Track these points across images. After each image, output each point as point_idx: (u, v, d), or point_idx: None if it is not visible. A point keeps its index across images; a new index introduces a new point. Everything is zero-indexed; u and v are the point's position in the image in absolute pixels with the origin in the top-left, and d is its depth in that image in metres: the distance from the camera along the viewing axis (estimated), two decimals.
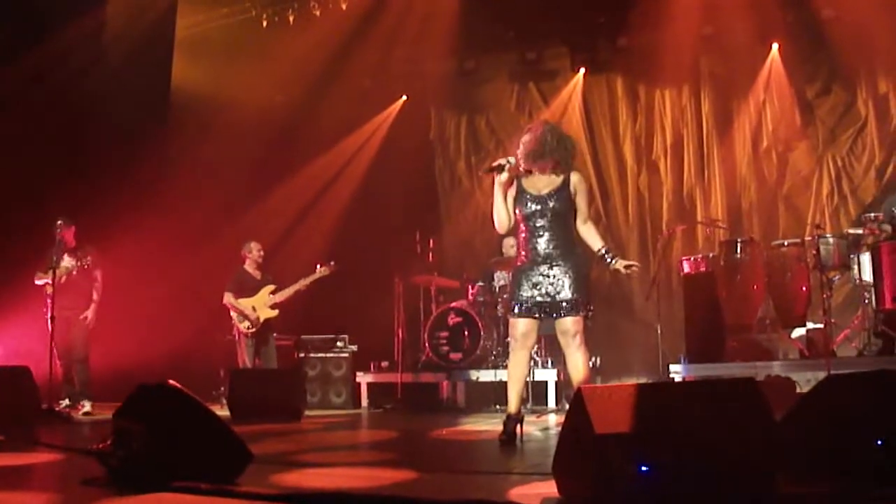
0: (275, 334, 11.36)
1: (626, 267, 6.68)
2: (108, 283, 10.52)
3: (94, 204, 11.00)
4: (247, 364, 11.01)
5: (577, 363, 6.38)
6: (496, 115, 14.79)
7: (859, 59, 12.48)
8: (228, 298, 11.06)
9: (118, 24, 12.38)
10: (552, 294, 6.38)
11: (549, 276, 6.41)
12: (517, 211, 6.55)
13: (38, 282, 10.35)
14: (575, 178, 6.53)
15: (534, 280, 6.45)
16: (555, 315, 6.38)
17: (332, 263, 11.01)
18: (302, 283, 11.03)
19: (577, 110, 14.12)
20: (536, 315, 6.44)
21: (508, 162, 6.50)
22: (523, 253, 6.59)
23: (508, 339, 10.56)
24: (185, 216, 12.29)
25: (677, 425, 3.58)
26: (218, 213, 12.69)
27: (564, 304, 6.35)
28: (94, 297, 10.48)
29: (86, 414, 10.13)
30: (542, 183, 6.53)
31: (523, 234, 6.59)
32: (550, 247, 6.46)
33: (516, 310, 6.49)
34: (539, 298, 6.40)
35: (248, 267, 11.35)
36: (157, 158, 12.47)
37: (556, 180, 6.51)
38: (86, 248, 10.52)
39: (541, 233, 6.49)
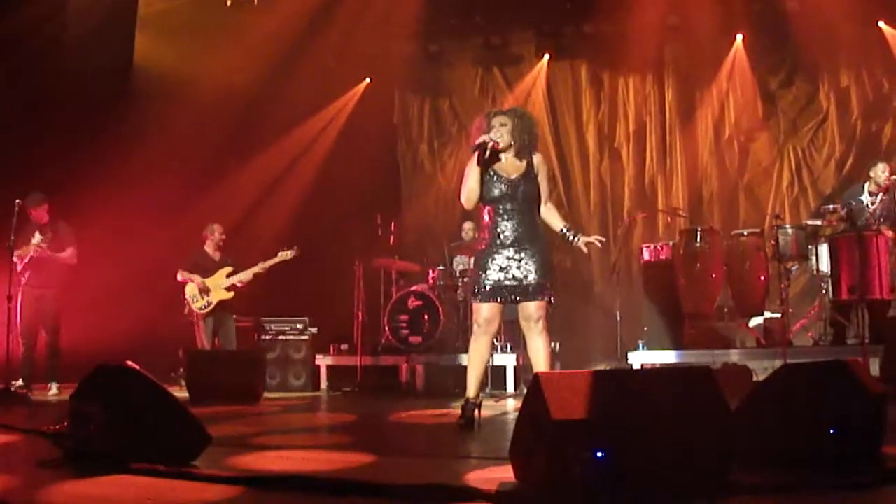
0: (234, 316, 11.29)
1: (588, 244, 6.61)
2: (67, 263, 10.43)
3: (53, 181, 10.88)
4: (205, 345, 10.95)
5: (539, 347, 6.39)
6: (460, 99, 14.77)
7: (822, 52, 12.62)
8: (181, 274, 11.03)
9: (81, 1, 12.24)
10: (520, 278, 6.36)
11: (516, 260, 6.39)
12: (484, 193, 6.49)
13: (14, 259, 10.15)
14: (537, 159, 6.53)
15: (501, 264, 6.41)
16: (520, 299, 6.37)
17: (294, 248, 10.96)
18: (261, 267, 10.97)
19: (541, 96, 14.13)
20: (501, 300, 6.42)
21: (492, 140, 6.45)
22: (487, 236, 6.53)
23: (469, 322, 10.64)
24: (146, 195, 12.16)
25: (633, 412, 3.60)
26: (179, 193, 12.57)
27: (531, 288, 6.35)
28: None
29: (53, 396, 10.04)
30: (512, 167, 6.51)
31: (488, 218, 6.54)
32: (519, 231, 6.43)
33: (481, 294, 6.45)
34: (506, 282, 6.38)
35: (208, 248, 11.28)
36: (119, 136, 12.32)
37: (522, 164, 6.50)
38: (58, 226, 10.40)
39: (508, 216, 6.46)
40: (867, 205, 10.25)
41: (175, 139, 12.38)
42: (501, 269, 6.41)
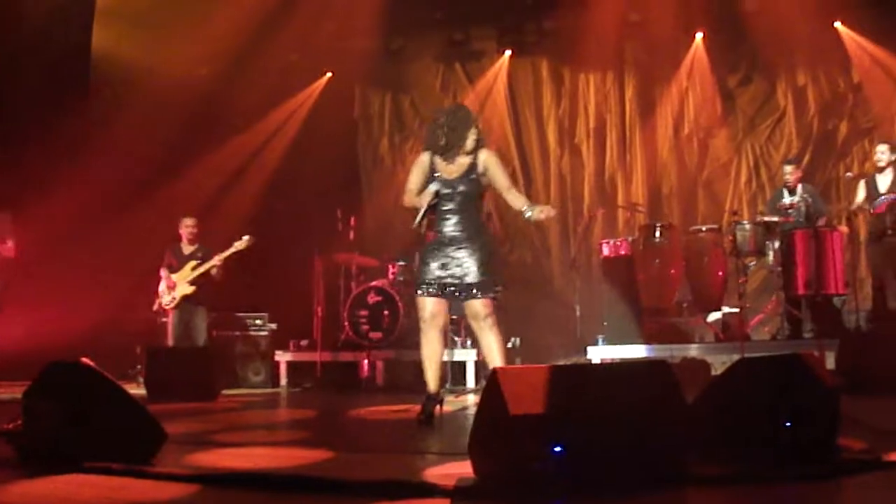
0: (203, 311, 11.14)
1: (542, 211, 6.52)
2: (19, 256, 10.26)
3: (8, 173, 10.76)
4: (170, 340, 10.90)
5: (491, 344, 6.39)
6: (421, 94, 14.76)
7: (780, 51, 12.76)
8: (161, 271, 11.00)
9: None
10: (459, 276, 6.38)
11: (455, 258, 6.41)
12: (423, 193, 6.54)
13: None
14: (483, 156, 6.52)
15: (441, 261, 6.45)
16: (464, 297, 6.39)
17: (248, 237, 10.88)
18: (218, 259, 10.88)
19: (502, 92, 14.16)
20: (442, 295, 6.44)
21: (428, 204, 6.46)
22: (431, 234, 6.61)
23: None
24: (103, 187, 12.03)
25: (591, 406, 3.61)
26: (138, 186, 12.46)
27: (472, 286, 6.36)
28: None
29: None
30: (454, 166, 6.53)
31: (431, 216, 6.58)
32: (457, 229, 6.47)
33: (423, 290, 6.48)
34: (447, 279, 6.41)
35: (183, 242, 11.20)
36: (76, 128, 12.19)
37: (465, 162, 6.51)
38: None
39: (448, 216, 6.50)
40: (786, 203, 10.45)
41: (133, 131, 12.27)
42: (442, 266, 6.44)
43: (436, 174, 6.55)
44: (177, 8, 12.88)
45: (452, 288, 6.41)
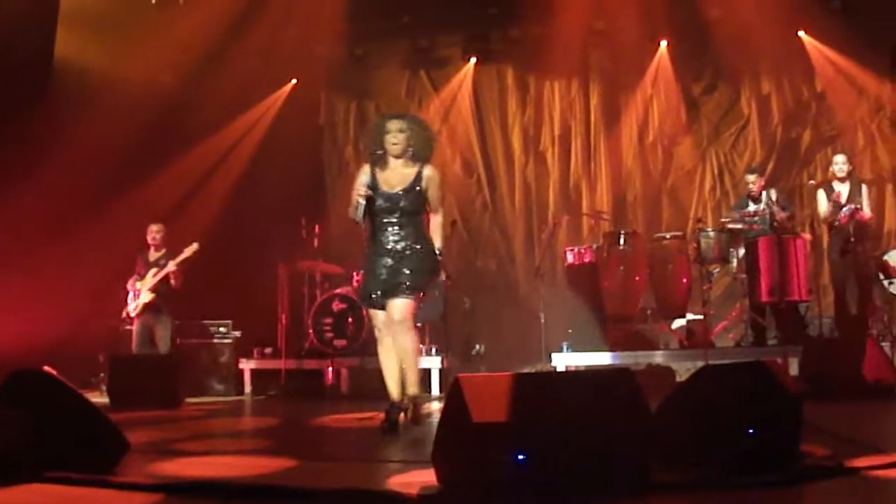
0: (167, 318, 11.05)
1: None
2: None
3: None
4: (133, 348, 10.83)
5: (404, 346, 6.43)
6: (386, 101, 14.72)
7: (744, 60, 12.86)
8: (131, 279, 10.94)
9: None
10: (389, 280, 6.42)
11: (390, 268, 6.45)
12: (367, 207, 6.54)
13: None
14: (427, 172, 6.52)
15: (377, 272, 6.50)
16: (386, 297, 6.42)
17: (195, 244, 10.80)
18: (172, 265, 10.79)
19: (467, 99, 14.17)
20: (383, 306, 6.47)
21: (363, 198, 6.45)
22: (372, 245, 6.60)
23: None
24: (65, 194, 11.94)
25: (554, 414, 3.61)
26: (101, 193, 12.36)
27: (397, 287, 6.39)
28: None
29: None
30: (396, 179, 6.52)
31: (372, 227, 6.60)
32: (397, 242, 6.49)
33: (368, 302, 6.58)
34: (380, 289, 6.46)
35: (150, 249, 11.14)
36: (38, 134, 12.08)
37: (409, 174, 6.50)
38: None
39: (389, 228, 6.51)
40: (750, 211, 10.52)
41: (97, 138, 12.16)
42: (377, 276, 6.49)
43: (377, 187, 6.53)
44: (141, 14, 12.81)
45: (384, 293, 6.45)
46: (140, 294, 10.84)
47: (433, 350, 10.88)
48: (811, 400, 4.61)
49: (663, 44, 13.29)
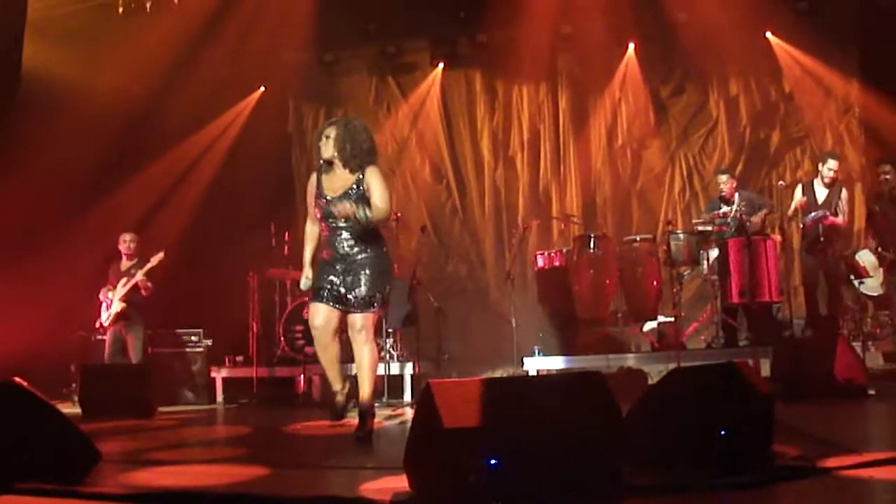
0: (139, 328, 10.97)
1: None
2: None
3: None
4: (106, 358, 10.77)
5: (362, 358, 6.49)
6: (355, 107, 14.69)
7: (712, 62, 12.92)
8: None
9: None
10: (345, 290, 6.44)
11: (343, 274, 6.47)
12: (316, 210, 6.58)
13: None
14: (368, 173, 6.48)
15: (330, 276, 6.52)
16: (346, 309, 6.47)
17: (161, 253, 10.75)
18: (139, 274, 10.73)
19: (436, 104, 14.18)
20: (332, 305, 6.50)
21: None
22: (326, 247, 6.63)
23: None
24: (34, 205, 11.87)
25: (525, 418, 3.61)
26: (70, 202, 12.30)
27: (354, 300, 6.42)
28: None
29: None
30: (339, 182, 6.52)
31: (325, 233, 6.62)
32: (346, 246, 6.49)
33: (315, 297, 6.57)
34: (334, 291, 6.48)
35: (122, 258, 11.07)
36: (5, 145, 12.01)
37: (351, 179, 6.49)
38: None
39: (338, 232, 6.51)
40: (720, 213, 10.56)
41: (65, 148, 12.10)
42: (330, 280, 6.51)
43: (322, 193, 6.55)
44: (108, 24, 12.74)
45: (339, 301, 6.48)
46: (112, 304, 10.78)
47: (404, 355, 10.86)
48: (782, 400, 4.63)
49: (631, 46, 13.34)
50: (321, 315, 6.53)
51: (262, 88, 14.54)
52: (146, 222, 12.80)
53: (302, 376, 11.06)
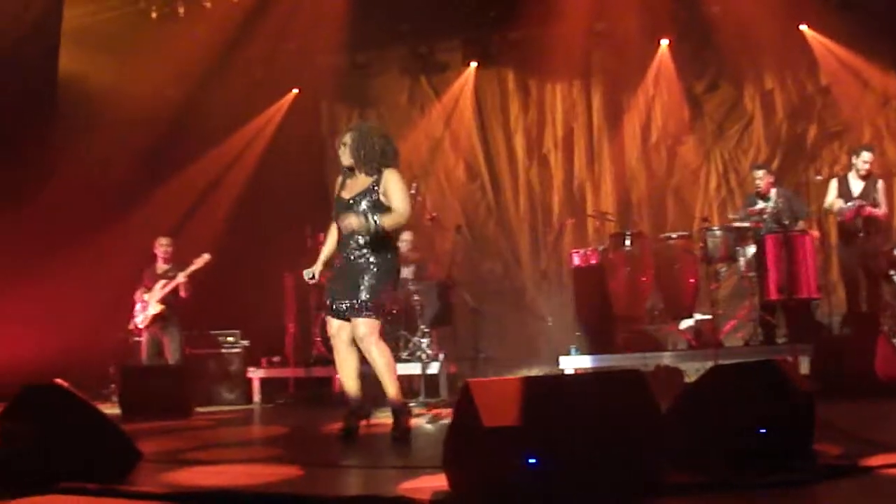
0: (176, 330, 11.06)
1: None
2: None
3: None
4: (143, 360, 10.85)
5: (374, 361, 6.49)
6: (388, 108, 14.74)
7: (746, 56, 12.83)
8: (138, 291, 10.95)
9: (4, 16, 11.99)
10: (349, 296, 6.43)
11: (350, 280, 6.46)
12: (333, 214, 6.63)
13: None
14: (386, 176, 6.46)
15: (336, 286, 6.57)
16: (349, 315, 6.46)
17: (206, 255, 10.81)
18: (182, 276, 10.79)
19: (469, 104, 14.19)
20: (339, 315, 6.55)
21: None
22: (338, 252, 6.68)
23: (401, 332, 10.63)
24: (73, 209, 11.98)
25: (565, 417, 3.59)
26: (108, 207, 12.41)
27: (356, 306, 6.39)
28: None
29: None
30: (358, 186, 6.52)
31: (339, 237, 6.66)
32: (358, 251, 6.47)
33: (328, 310, 6.64)
34: (339, 299, 6.51)
35: (158, 261, 11.14)
36: (45, 151, 12.12)
37: (368, 181, 6.47)
38: None
39: (348, 239, 6.50)
40: (757, 209, 10.45)
41: (103, 153, 12.22)
42: (335, 290, 6.56)
43: (339, 198, 6.58)
44: (142, 30, 12.84)
45: (344, 308, 6.48)
46: (149, 306, 10.85)
47: (440, 356, 10.86)
48: (822, 398, 4.58)
49: (664, 42, 13.26)
50: (333, 325, 6.61)
51: (296, 91, 14.58)
52: (183, 225, 12.89)
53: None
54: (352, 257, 6.47)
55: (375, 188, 6.42)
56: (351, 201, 6.45)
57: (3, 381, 8.96)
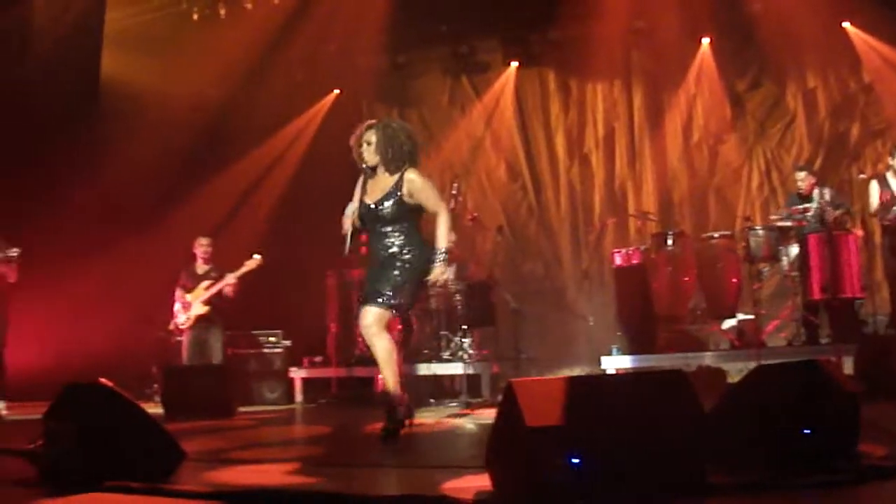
0: (218, 330, 11.13)
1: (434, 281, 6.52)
2: (33, 280, 10.17)
3: (18, 198, 10.75)
4: (185, 360, 10.91)
5: (376, 352, 6.38)
6: (429, 109, 14.78)
7: (788, 54, 12.72)
8: (176, 291, 11.02)
9: (44, 17, 12.13)
10: (371, 285, 6.43)
11: (378, 274, 6.43)
12: (356, 218, 6.60)
13: None
14: (409, 177, 6.41)
15: (369, 277, 6.56)
16: (362, 304, 6.46)
17: (258, 256, 10.87)
18: (232, 277, 10.86)
19: (510, 103, 14.19)
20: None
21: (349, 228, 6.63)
22: (368, 253, 6.69)
23: (442, 332, 10.64)
24: (116, 210, 12.12)
25: (608, 417, 3.58)
26: (150, 207, 12.54)
27: (371, 294, 6.37)
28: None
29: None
30: (380, 186, 6.49)
31: (365, 237, 6.70)
32: (386, 251, 6.46)
33: (361, 302, 6.60)
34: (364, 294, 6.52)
35: (197, 262, 11.20)
36: (87, 152, 12.26)
37: (390, 182, 6.44)
38: (2, 241, 9.81)
39: (377, 236, 6.51)
40: (800, 208, 10.34)
41: (145, 154, 12.32)
42: (366, 284, 6.57)
43: (363, 198, 6.56)
44: (183, 30, 12.95)
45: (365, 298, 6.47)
46: (192, 306, 10.90)
47: (482, 355, 10.87)
48: (866, 399, 4.55)
49: (705, 41, 13.20)
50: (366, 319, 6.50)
51: (337, 91, 14.65)
52: (224, 224, 12.98)
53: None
54: (384, 255, 6.46)
55: (399, 190, 6.40)
56: (375, 206, 6.44)
57: (46, 380, 9.10)
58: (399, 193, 6.38)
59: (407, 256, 6.40)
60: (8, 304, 9.99)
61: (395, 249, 6.42)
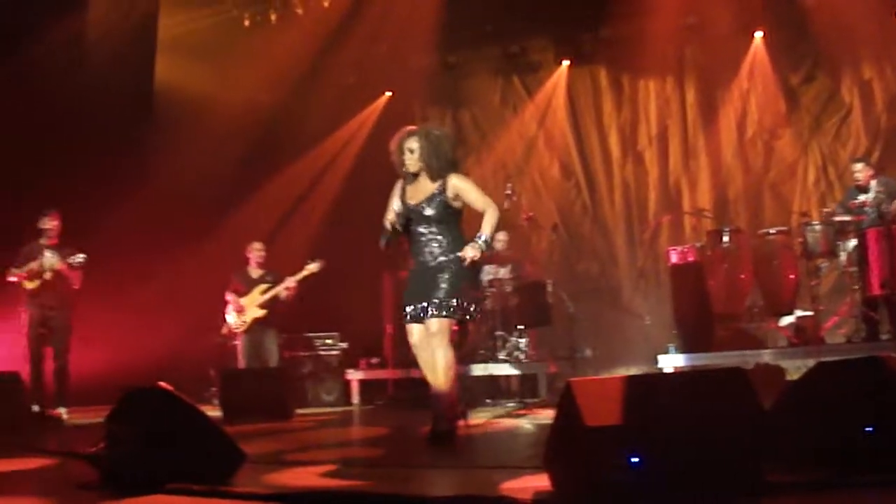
0: (274, 333, 11.23)
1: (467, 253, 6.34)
2: (93, 284, 10.30)
3: (77, 205, 10.88)
4: (241, 363, 10.99)
5: (437, 360, 6.33)
6: (481, 109, 14.80)
7: (843, 46, 12.55)
8: (227, 295, 11.09)
9: (100, 26, 12.29)
10: (425, 295, 6.33)
11: (425, 281, 6.37)
12: (399, 221, 6.54)
13: (10, 278, 9.86)
14: (452, 181, 6.42)
15: (412, 287, 6.48)
16: (423, 316, 6.34)
17: (319, 261, 10.92)
18: (291, 281, 10.93)
19: (562, 102, 14.17)
20: (419, 321, 6.41)
21: (391, 223, 6.52)
22: (411, 258, 6.64)
23: (498, 332, 10.64)
24: (171, 216, 12.23)
25: (667, 416, 3.57)
26: (204, 213, 12.66)
27: (433, 303, 6.29)
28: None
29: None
30: (421, 191, 6.49)
31: (407, 244, 6.63)
32: (429, 254, 6.43)
33: (405, 317, 6.51)
34: (416, 311, 6.39)
35: (250, 266, 11.27)
36: (142, 158, 12.41)
37: (432, 187, 6.45)
38: (68, 247, 9.91)
39: (420, 240, 6.48)
40: (858, 202, 10.19)
41: (200, 159, 12.44)
42: (416, 291, 6.43)
43: (405, 200, 6.54)
44: (235, 37, 13.07)
45: (420, 309, 6.37)
46: (247, 310, 10.98)
47: (539, 355, 10.86)
48: None
49: (758, 35, 13.09)
50: (414, 334, 6.47)
51: (389, 93, 14.70)
52: (281, 227, 13.08)
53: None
54: (429, 261, 6.43)
55: (442, 194, 6.41)
56: (418, 206, 6.45)
57: (106, 384, 9.21)
58: (444, 196, 6.41)
59: (453, 259, 6.38)
60: (72, 310, 10.15)
61: (442, 254, 6.40)
